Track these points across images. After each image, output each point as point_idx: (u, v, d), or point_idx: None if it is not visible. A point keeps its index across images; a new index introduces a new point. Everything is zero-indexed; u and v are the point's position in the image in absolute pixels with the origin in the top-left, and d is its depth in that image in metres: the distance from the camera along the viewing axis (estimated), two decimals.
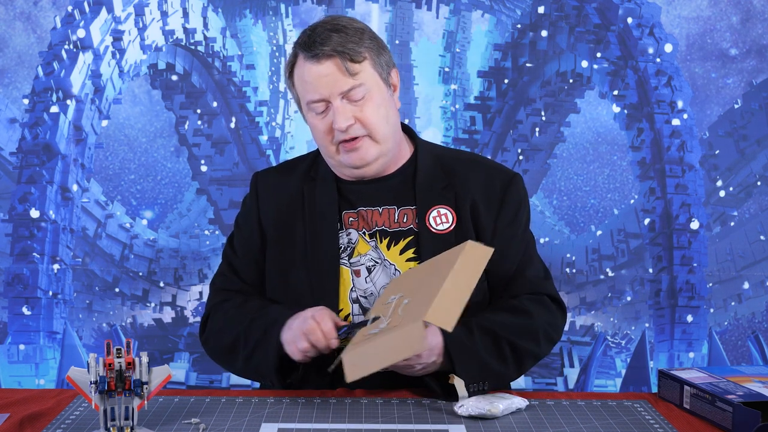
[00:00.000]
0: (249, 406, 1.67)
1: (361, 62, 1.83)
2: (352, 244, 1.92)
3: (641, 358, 3.96)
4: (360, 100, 1.83)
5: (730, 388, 1.63)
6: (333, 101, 1.82)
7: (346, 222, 1.94)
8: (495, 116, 4.09)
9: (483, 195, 1.95)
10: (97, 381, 1.47)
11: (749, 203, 4.06)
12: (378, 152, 1.88)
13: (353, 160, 1.87)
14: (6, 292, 3.87)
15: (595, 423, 1.61)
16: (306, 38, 1.84)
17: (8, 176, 3.93)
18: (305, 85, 1.84)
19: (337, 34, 1.82)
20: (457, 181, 1.95)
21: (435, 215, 1.92)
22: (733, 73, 4.03)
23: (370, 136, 1.86)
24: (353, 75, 1.81)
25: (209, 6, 4.05)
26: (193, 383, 3.96)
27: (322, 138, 1.87)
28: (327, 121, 1.85)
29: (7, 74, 3.96)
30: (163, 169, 4.06)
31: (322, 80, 1.81)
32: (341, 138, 1.85)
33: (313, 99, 1.84)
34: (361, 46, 1.83)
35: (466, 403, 1.63)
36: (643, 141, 4.00)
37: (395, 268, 1.90)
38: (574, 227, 4.11)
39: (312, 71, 1.82)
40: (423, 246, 1.89)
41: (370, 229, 1.93)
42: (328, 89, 1.82)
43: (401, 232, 1.92)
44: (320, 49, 1.80)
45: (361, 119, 1.84)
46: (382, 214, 1.94)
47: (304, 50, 1.83)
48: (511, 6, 4.11)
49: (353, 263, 1.91)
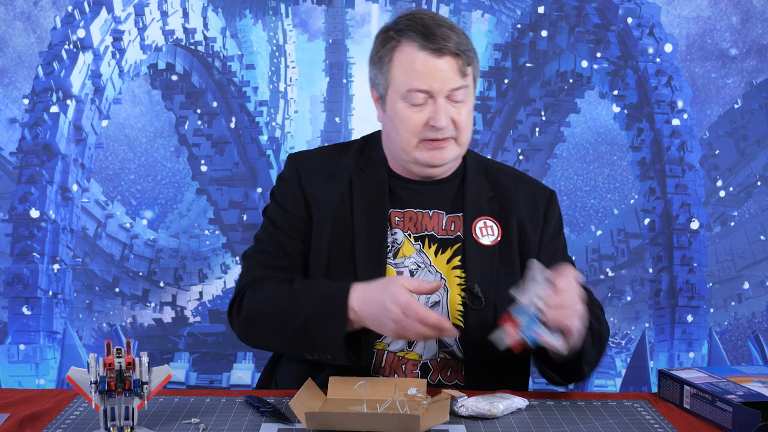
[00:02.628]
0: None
1: (471, 65, 1.83)
2: (397, 245, 1.90)
3: (641, 358, 3.96)
4: (460, 102, 1.82)
5: (730, 388, 1.63)
6: (438, 98, 1.80)
7: (393, 221, 1.91)
8: (495, 116, 4.09)
9: (528, 211, 1.97)
10: (97, 381, 1.46)
11: (749, 203, 4.06)
12: (457, 154, 1.88)
13: (434, 158, 1.85)
14: (6, 292, 3.87)
15: (595, 423, 1.61)
16: (421, 28, 1.80)
17: (8, 176, 3.93)
18: (413, 73, 1.80)
19: (454, 34, 1.81)
20: (502, 195, 1.96)
21: (481, 226, 1.92)
22: (733, 73, 4.03)
23: (456, 139, 1.85)
24: (464, 77, 1.81)
25: (209, 6, 4.05)
26: (193, 383, 3.96)
27: (409, 130, 1.83)
28: (422, 115, 1.81)
29: (7, 74, 3.96)
30: (163, 169, 4.06)
31: (438, 74, 1.79)
32: (431, 136, 1.82)
33: (418, 88, 1.80)
34: (471, 50, 1.83)
35: (466, 403, 1.63)
36: (643, 141, 4.00)
37: (441, 276, 1.88)
38: (574, 227, 4.11)
39: (429, 62, 1.79)
40: (468, 255, 1.88)
41: (417, 231, 1.91)
42: (439, 84, 1.79)
43: (449, 240, 1.91)
44: (444, 45, 1.78)
45: (456, 121, 1.83)
46: (432, 217, 1.92)
47: (423, 40, 1.79)
48: (511, 6, 4.12)
49: (397, 264, 1.89)
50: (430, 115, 1.81)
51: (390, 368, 1.86)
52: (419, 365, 1.86)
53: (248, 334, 1.90)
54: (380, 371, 1.85)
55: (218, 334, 4.02)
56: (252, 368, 3.98)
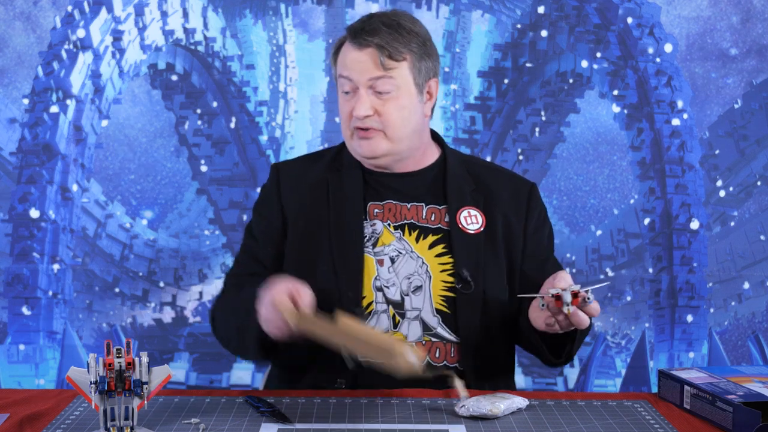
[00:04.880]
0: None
1: (399, 61, 1.88)
2: (376, 234, 1.95)
3: (641, 358, 3.96)
4: (385, 94, 1.88)
5: (730, 388, 1.63)
6: (360, 87, 1.88)
7: (371, 213, 1.96)
8: (495, 116, 4.09)
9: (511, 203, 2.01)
10: (97, 381, 1.46)
11: (749, 203, 4.06)
12: (388, 149, 1.92)
13: (363, 149, 1.92)
14: (6, 292, 3.87)
15: (595, 423, 1.61)
16: (359, 24, 1.91)
17: (8, 176, 3.93)
18: (343, 63, 1.91)
19: (387, 30, 1.88)
20: (484, 187, 2.01)
21: (466, 215, 1.96)
22: (733, 73, 4.03)
23: (385, 132, 1.90)
24: (386, 69, 1.87)
25: (209, 6, 4.05)
26: (193, 383, 3.96)
27: (342, 119, 1.94)
28: (350, 105, 1.90)
29: (7, 74, 3.96)
30: (163, 169, 4.06)
31: (356, 65, 1.87)
32: (356, 125, 1.90)
33: (342, 74, 1.90)
34: (405, 47, 1.89)
35: (467, 403, 1.63)
36: (643, 141, 4.00)
37: (423, 261, 1.93)
38: (574, 227, 4.11)
39: (351, 55, 1.89)
40: (454, 242, 1.93)
41: (396, 221, 1.95)
42: (357, 74, 1.88)
43: (429, 228, 1.95)
44: (365, 39, 1.87)
45: (380, 113, 1.88)
46: (411, 209, 1.97)
47: (351, 35, 1.90)
48: (511, 6, 4.11)
49: (377, 252, 1.93)
50: (353, 105, 1.89)
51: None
52: None
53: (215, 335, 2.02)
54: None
55: None
56: (252, 368, 3.98)
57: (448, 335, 1.92)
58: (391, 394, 1.77)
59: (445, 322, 1.92)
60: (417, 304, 1.91)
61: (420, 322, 1.91)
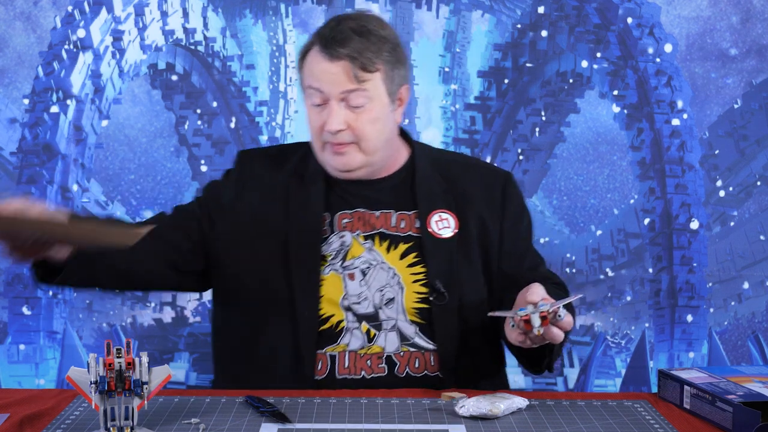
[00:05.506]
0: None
1: (372, 72, 1.80)
2: (345, 247, 1.88)
3: (641, 358, 3.96)
4: (358, 108, 1.81)
5: (730, 388, 1.63)
6: (331, 100, 1.80)
7: (340, 224, 1.90)
8: (495, 116, 4.09)
9: (484, 199, 1.94)
10: (97, 381, 1.46)
11: (749, 203, 4.06)
12: (363, 162, 1.85)
13: (337, 163, 1.85)
14: (6, 292, 3.87)
15: (595, 423, 1.61)
16: (328, 31, 1.82)
17: (8, 176, 3.93)
18: (311, 73, 1.83)
19: (359, 38, 1.80)
20: (456, 186, 1.94)
21: (437, 219, 1.90)
22: (733, 73, 4.03)
23: (359, 146, 1.83)
24: (360, 82, 1.80)
25: (209, 6, 4.05)
26: (193, 383, 3.96)
27: (312, 131, 1.86)
28: (321, 117, 1.83)
29: (7, 74, 3.96)
30: (163, 169, 4.06)
31: (328, 77, 1.80)
32: (328, 139, 1.83)
33: (312, 86, 1.82)
34: (378, 57, 1.81)
35: (467, 403, 1.63)
36: (643, 141, 4.00)
37: (395, 272, 1.87)
38: (574, 227, 4.11)
39: (321, 66, 1.80)
40: (426, 250, 1.87)
41: (366, 231, 1.89)
42: (329, 87, 1.80)
43: (400, 237, 1.89)
44: (337, 50, 1.79)
45: (354, 127, 1.81)
46: (380, 217, 1.91)
47: (322, 44, 1.81)
48: (511, 6, 4.12)
49: (347, 266, 1.87)
50: (325, 119, 1.81)
51: (354, 367, 1.85)
52: (384, 359, 1.86)
53: None
54: (344, 372, 1.85)
55: None
56: None
57: (426, 344, 1.87)
58: (391, 394, 1.77)
59: (422, 331, 1.87)
60: (391, 314, 1.86)
61: (397, 333, 1.86)
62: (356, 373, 1.85)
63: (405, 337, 1.87)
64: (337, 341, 1.85)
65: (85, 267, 1.81)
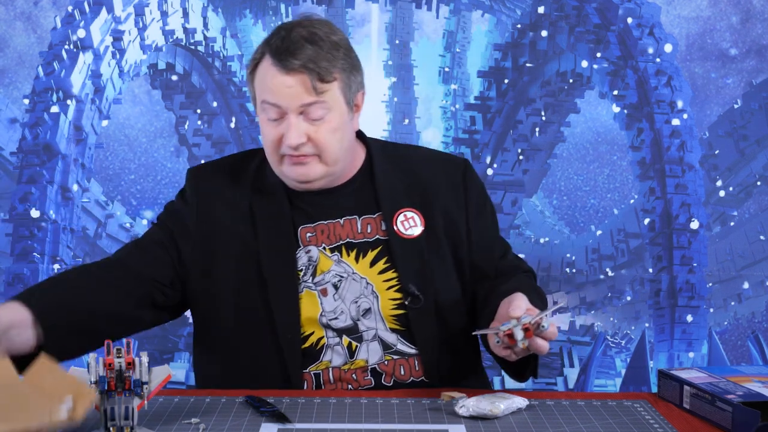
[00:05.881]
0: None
1: (330, 82, 1.73)
2: (313, 262, 1.82)
3: (641, 358, 3.96)
4: (317, 120, 1.74)
5: (730, 388, 1.63)
6: (289, 114, 1.73)
7: (304, 238, 1.83)
8: (495, 116, 4.09)
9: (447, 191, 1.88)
10: (97, 381, 1.46)
11: (749, 203, 4.06)
12: (324, 172, 1.79)
13: (297, 174, 1.78)
14: (6, 292, 3.87)
15: (595, 423, 1.61)
16: (279, 42, 1.73)
17: (8, 176, 3.94)
18: (265, 87, 1.75)
19: (311, 47, 1.72)
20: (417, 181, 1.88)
21: (402, 219, 1.85)
22: (733, 73, 4.03)
23: (320, 157, 1.77)
24: (319, 93, 1.73)
25: (209, 6, 4.05)
26: (193, 383, 3.96)
27: (269, 146, 1.78)
28: (278, 131, 1.75)
29: (7, 74, 3.96)
30: (163, 169, 4.06)
31: (285, 91, 1.72)
32: (287, 152, 1.76)
33: (269, 101, 1.74)
34: (334, 65, 1.73)
35: (467, 403, 1.63)
36: (643, 141, 4.00)
37: (367, 282, 1.82)
38: (574, 227, 4.11)
39: (277, 79, 1.72)
40: (395, 253, 1.82)
41: (331, 243, 1.83)
42: (287, 101, 1.72)
43: (368, 243, 1.84)
44: (290, 62, 1.71)
45: (314, 139, 1.74)
46: (344, 225, 1.85)
47: (274, 56, 1.73)
48: (511, 6, 4.12)
49: (318, 282, 1.81)
50: (283, 132, 1.74)
51: (340, 382, 1.82)
52: (369, 371, 1.83)
53: None
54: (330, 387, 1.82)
55: None
56: None
57: (409, 349, 1.84)
58: (390, 394, 1.77)
59: (403, 337, 1.83)
60: (371, 324, 1.82)
61: (379, 342, 1.82)
62: (343, 388, 1.83)
63: (387, 345, 1.83)
64: (320, 359, 1.82)
65: (66, 340, 1.68)
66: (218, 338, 1.87)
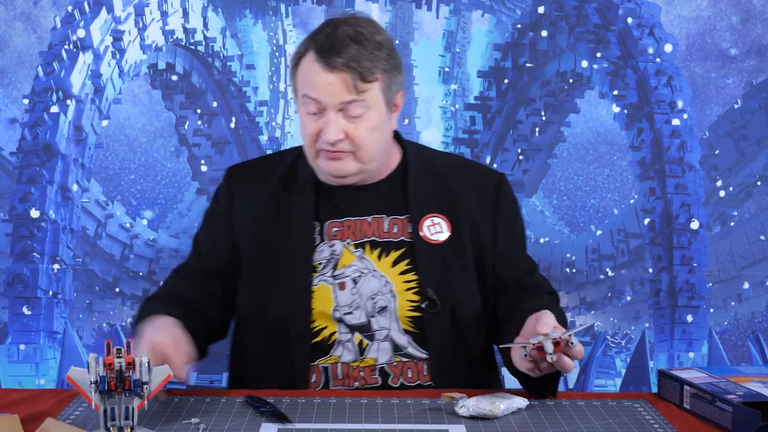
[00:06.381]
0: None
1: (371, 82, 1.76)
2: (336, 256, 1.85)
3: (641, 358, 3.96)
4: (356, 118, 1.77)
5: (730, 388, 1.63)
6: (328, 111, 1.76)
7: (330, 233, 1.86)
8: (495, 116, 4.09)
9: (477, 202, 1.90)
10: (97, 381, 1.46)
11: (749, 203, 4.06)
12: (358, 169, 1.82)
13: (332, 169, 1.81)
14: (6, 292, 3.87)
15: (595, 423, 1.61)
16: (324, 39, 1.76)
17: (8, 176, 3.94)
18: (308, 81, 1.78)
19: (356, 46, 1.75)
20: (448, 189, 1.90)
21: (429, 224, 1.86)
22: (733, 73, 4.03)
23: (355, 155, 1.80)
24: (359, 92, 1.75)
25: (209, 6, 4.05)
26: (193, 383, 3.95)
27: (306, 138, 1.82)
28: (317, 126, 1.78)
29: (7, 74, 3.96)
30: (163, 169, 4.06)
31: (326, 87, 1.75)
32: (324, 147, 1.79)
33: (310, 95, 1.77)
34: (376, 66, 1.76)
35: (467, 403, 1.63)
36: (643, 141, 4.00)
37: (387, 280, 1.84)
38: (574, 227, 4.11)
39: (319, 76, 1.75)
40: (418, 257, 1.84)
41: (357, 239, 1.86)
42: (327, 97, 1.76)
43: (392, 243, 1.86)
44: (334, 60, 1.74)
45: (352, 137, 1.77)
46: (371, 223, 1.88)
47: (319, 52, 1.76)
48: (511, 6, 4.12)
49: (337, 276, 1.84)
50: (321, 127, 1.77)
51: (347, 378, 1.83)
52: (377, 370, 1.84)
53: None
54: (338, 383, 1.83)
55: None
56: None
57: (419, 353, 1.84)
58: (390, 394, 1.77)
59: (416, 340, 1.84)
60: (384, 324, 1.83)
61: (390, 343, 1.83)
62: (350, 385, 1.84)
63: (398, 347, 1.84)
64: (329, 353, 1.83)
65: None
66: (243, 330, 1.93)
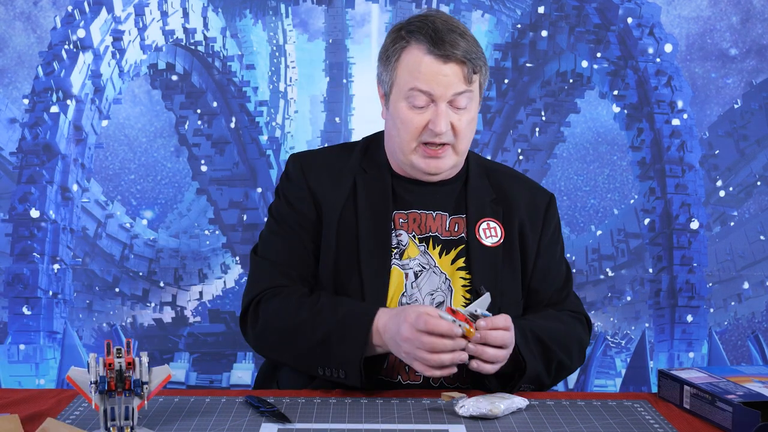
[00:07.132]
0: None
1: (477, 74, 1.82)
2: (402, 246, 1.89)
3: (641, 358, 3.96)
4: (461, 109, 1.82)
5: (730, 388, 1.63)
6: (439, 102, 1.80)
7: (397, 223, 1.90)
8: (495, 116, 4.09)
9: (528, 214, 1.97)
10: (97, 381, 1.47)
11: (749, 203, 4.06)
12: (454, 163, 1.88)
13: (429, 166, 1.86)
14: (6, 292, 3.87)
15: (595, 423, 1.61)
16: (431, 33, 1.79)
17: (8, 176, 3.93)
18: (418, 74, 1.80)
19: (463, 40, 1.80)
20: (504, 197, 1.96)
21: (485, 227, 1.92)
22: (733, 73, 4.03)
23: (455, 147, 1.85)
24: (469, 83, 1.81)
25: (209, 6, 4.05)
26: (193, 383, 3.96)
27: (409, 131, 1.83)
28: (423, 118, 1.81)
29: (7, 74, 3.96)
30: (163, 169, 4.06)
31: (441, 79, 1.79)
32: (429, 140, 1.83)
33: (421, 88, 1.80)
34: (480, 58, 1.82)
35: (467, 403, 1.63)
36: (643, 141, 4.00)
37: (446, 277, 1.89)
38: (574, 227, 4.11)
39: (434, 67, 1.78)
40: (472, 257, 1.89)
41: (421, 233, 1.90)
42: (442, 88, 1.79)
43: (453, 241, 1.91)
44: (451, 52, 1.78)
45: (456, 128, 1.82)
46: (436, 219, 1.92)
47: (431, 44, 1.79)
48: (511, 6, 4.11)
49: (403, 265, 1.88)
50: (430, 119, 1.81)
51: (392, 371, 1.85)
52: None
53: (263, 346, 1.89)
54: (383, 372, 1.85)
55: (218, 334, 4.02)
56: (252, 368, 3.98)
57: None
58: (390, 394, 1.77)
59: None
60: None
61: None
62: (393, 377, 1.85)
63: None
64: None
65: None
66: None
